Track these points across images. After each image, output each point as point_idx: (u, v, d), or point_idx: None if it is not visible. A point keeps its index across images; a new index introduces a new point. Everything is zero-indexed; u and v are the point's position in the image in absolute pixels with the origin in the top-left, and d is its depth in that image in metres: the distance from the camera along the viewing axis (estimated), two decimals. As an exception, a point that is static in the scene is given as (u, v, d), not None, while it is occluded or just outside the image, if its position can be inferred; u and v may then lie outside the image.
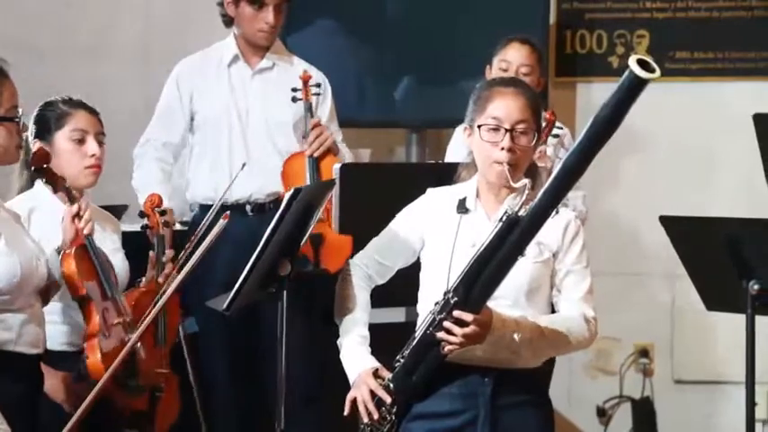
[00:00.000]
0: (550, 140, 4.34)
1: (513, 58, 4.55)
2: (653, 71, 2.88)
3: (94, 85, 5.46)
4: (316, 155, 4.44)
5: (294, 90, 4.51)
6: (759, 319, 3.98)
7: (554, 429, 3.36)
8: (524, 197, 3.03)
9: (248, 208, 4.51)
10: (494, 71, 4.58)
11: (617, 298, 5.57)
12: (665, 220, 4.08)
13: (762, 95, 5.48)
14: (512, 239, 3.01)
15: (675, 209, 5.04)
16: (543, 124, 3.50)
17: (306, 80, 4.52)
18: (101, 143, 3.68)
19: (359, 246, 3.45)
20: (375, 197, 3.99)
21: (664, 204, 5.28)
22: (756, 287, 3.90)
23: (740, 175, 5.49)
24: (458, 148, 4.48)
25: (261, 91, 4.59)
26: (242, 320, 4.17)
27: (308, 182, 4.38)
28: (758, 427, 4.69)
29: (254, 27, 4.50)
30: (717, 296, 4.07)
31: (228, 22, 4.59)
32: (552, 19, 5.64)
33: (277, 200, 4.46)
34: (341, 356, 3.30)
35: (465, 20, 5.45)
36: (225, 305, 3.50)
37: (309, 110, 4.50)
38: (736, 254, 3.90)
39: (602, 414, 5.70)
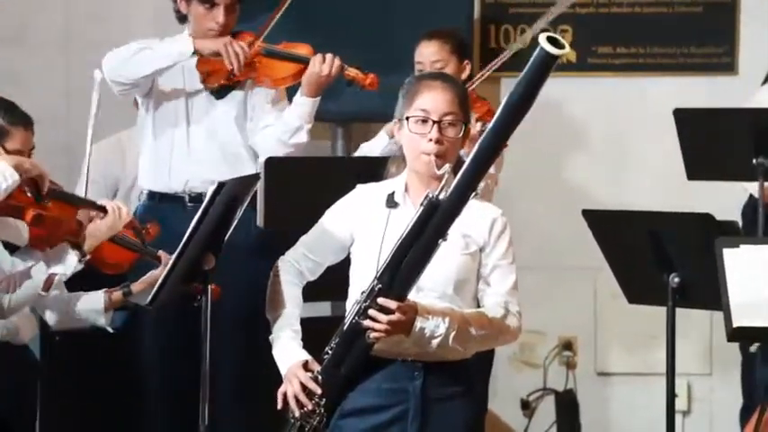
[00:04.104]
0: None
1: (423, 57, 4.65)
2: (562, 47, 2.90)
3: (15, 75, 5.41)
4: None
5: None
6: (679, 312, 4.03)
7: (483, 420, 3.38)
8: (444, 182, 3.05)
9: (186, 199, 4.50)
10: (416, 72, 4.63)
11: (540, 292, 5.61)
12: (587, 214, 4.11)
13: (683, 91, 5.55)
14: (433, 223, 3.03)
15: (598, 202, 5.11)
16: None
17: None
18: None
19: (285, 240, 3.44)
20: (300, 191, 3.99)
21: (586, 198, 5.35)
22: (677, 280, 3.94)
23: (661, 169, 5.55)
24: None
25: None
26: (175, 314, 4.13)
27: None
28: (678, 418, 4.77)
29: (205, 26, 4.49)
30: (638, 289, 4.11)
31: (182, 18, 4.58)
32: (476, 13, 5.67)
33: None
34: (273, 352, 3.29)
35: (390, 15, 5.45)
36: (148, 300, 3.49)
37: None
38: (657, 247, 3.95)
39: (526, 406, 5.74)
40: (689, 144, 4.78)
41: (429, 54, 4.64)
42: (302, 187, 4.02)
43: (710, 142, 4.71)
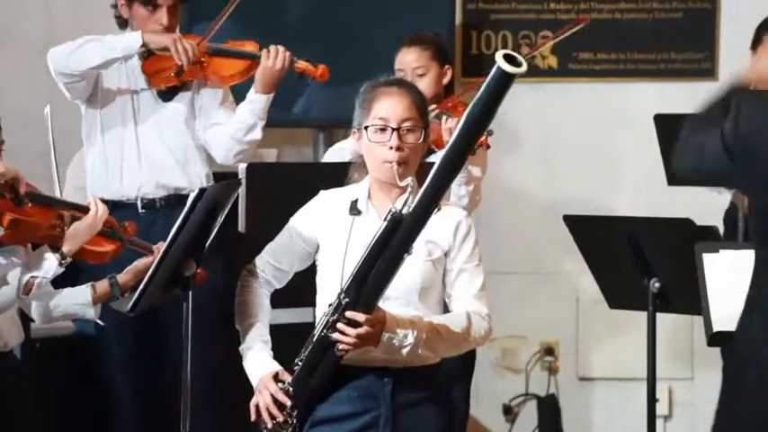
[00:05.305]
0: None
1: (404, 64, 4.62)
2: (519, 65, 2.90)
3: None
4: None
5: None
6: (660, 317, 4.05)
7: (456, 424, 3.38)
8: (408, 196, 3.04)
9: (139, 205, 4.48)
10: None
11: (522, 297, 5.62)
12: (568, 219, 4.13)
13: (663, 96, 5.57)
14: (397, 238, 3.03)
15: (579, 208, 5.12)
16: None
17: None
18: None
19: (239, 240, 3.45)
20: (282, 197, 3.97)
21: (567, 203, 5.36)
22: (657, 285, 3.96)
23: (642, 175, 5.57)
24: None
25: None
26: (142, 322, 4.12)
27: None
28: (659, 422, 4.77)
29: (148, 28, 4.47)
30: (619, 294, 4.13)
31: (122, 23, 4.56)
32: (458, 20, 5.68)
33: (168, 196, 4.45)
34: (244, 363, 3.29)
35: (371, 20, 5.46)
36: (129, 306, 3.48)
37: None
38: (637, 252, 3.96)
39: (509, 412, 5.75)
40: (669, 149, 4.79)
41: (410, 61, 4.64)
42: (284, 192, 4.00)
43: (691, 147, 4.72)
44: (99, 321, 3.74)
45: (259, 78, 4.44)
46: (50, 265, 3.45)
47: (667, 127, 4.75)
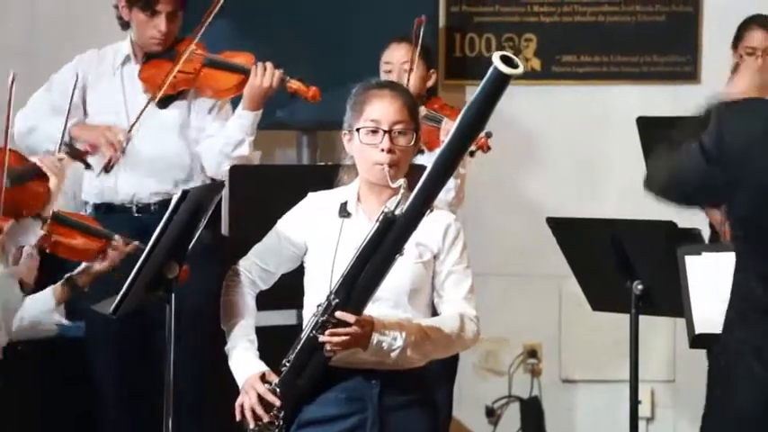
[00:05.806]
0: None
1: (393, 59, 4.65)
2: (516, 67, 2.91)
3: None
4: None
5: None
6: (643, 319, 4.06)
7: (441, 427, 3.38)
8: (400, 197, 3.05)
9: (134, 209, 4.48)
10: (382, 75, 4.64)
11: (505, 299, 5.63)
12: (551, 222, 4.14)
13: (645, 99, 5.58)
14: (389, 239, 3.04)
15: (562, 210, 5.13)
16: None
17: None
18: None
19: (230, 244, 3.44)
20: (265, 198, 3.98)
21: (550, 205, 5.37)
22: (640, 287, 3.97)
23: (624, 177, 5.58)
24: None
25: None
26: (128, 323, 4.12)
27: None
28: (642, 424, 4.79)
29: (147, 34, 4.47)
30: (602, 296, 4.14)
31: (124, 25, 4.56)
32: (441, 22, 5.69)
33: (163, 201, 4.45)
34: (229, 364, 3.29)
35: (356, 22, 5.46)
36: (111, 309, 3.47)
37: None
38: (620, 254, 3.97)
39: (491, 414, 5.75)
40: (652, 152, 4.80)
41: (399, 56, 4.66)
42: (267, 195, 4.01)
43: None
44: (65, 321, 3.76)
45: (247, 95, 4.43)
46: (35, 231, 3.48)
47: (650, 129, 4.77)
